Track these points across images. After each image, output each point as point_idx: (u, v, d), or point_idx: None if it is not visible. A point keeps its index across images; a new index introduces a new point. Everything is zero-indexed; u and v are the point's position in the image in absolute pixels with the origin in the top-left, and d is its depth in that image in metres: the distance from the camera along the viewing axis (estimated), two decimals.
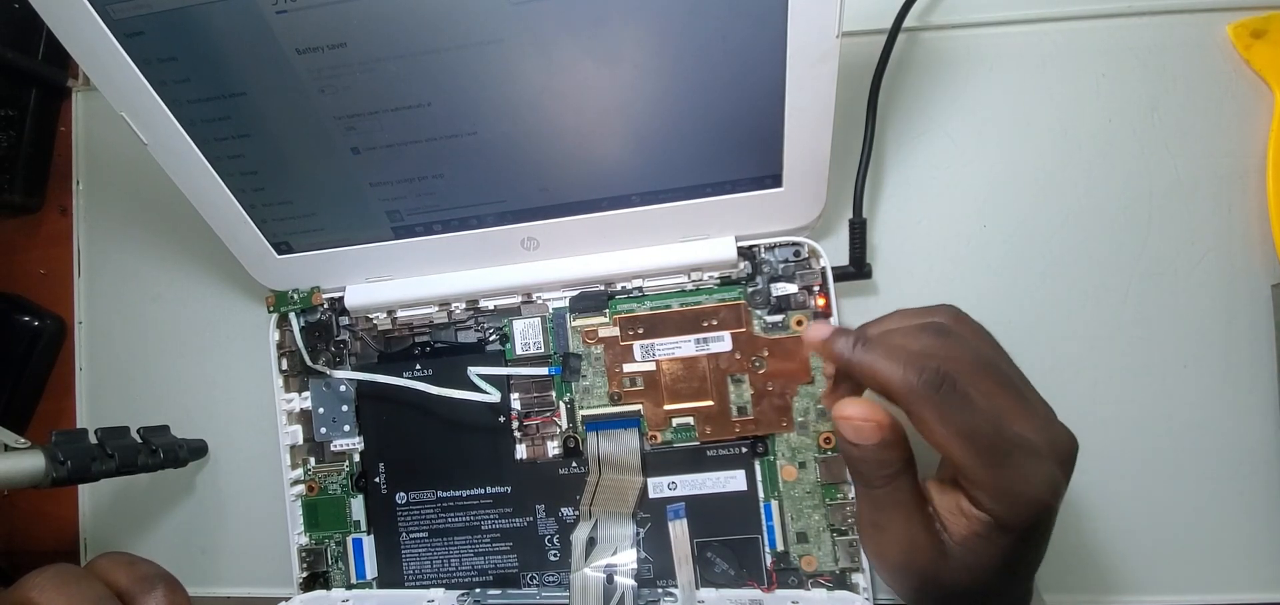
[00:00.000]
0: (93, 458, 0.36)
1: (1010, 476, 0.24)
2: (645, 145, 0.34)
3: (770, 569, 0.37)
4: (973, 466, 0.24)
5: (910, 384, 0.24)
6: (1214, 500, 0.38)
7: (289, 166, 0.35)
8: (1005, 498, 0.24)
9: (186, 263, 0.46)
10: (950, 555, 0.26)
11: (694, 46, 0.30)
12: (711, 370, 0.38)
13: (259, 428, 0.43)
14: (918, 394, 0.24)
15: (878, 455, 0.26)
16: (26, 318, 0.46)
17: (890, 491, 0.26)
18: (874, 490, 0.26)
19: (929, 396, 0.24)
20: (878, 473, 0.26)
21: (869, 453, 0.26)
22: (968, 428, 0.24)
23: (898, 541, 0.26)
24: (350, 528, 0.41)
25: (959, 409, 0.24)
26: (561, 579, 0.39)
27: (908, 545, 0.26)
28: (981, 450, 0.24)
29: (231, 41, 0.31)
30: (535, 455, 0.39)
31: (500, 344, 0.40)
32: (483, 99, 0.32)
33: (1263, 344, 0.38)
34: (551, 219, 0.37)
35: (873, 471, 0.26)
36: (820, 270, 0.37)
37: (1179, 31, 0.39)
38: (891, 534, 0.26)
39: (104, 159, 0.48)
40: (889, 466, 0.26)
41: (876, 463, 0.26)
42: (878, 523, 0.27)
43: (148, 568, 0.25)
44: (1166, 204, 0.38)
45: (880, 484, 0.26)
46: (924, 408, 0.24)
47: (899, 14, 0.38)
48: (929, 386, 0.24)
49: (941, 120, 0.40)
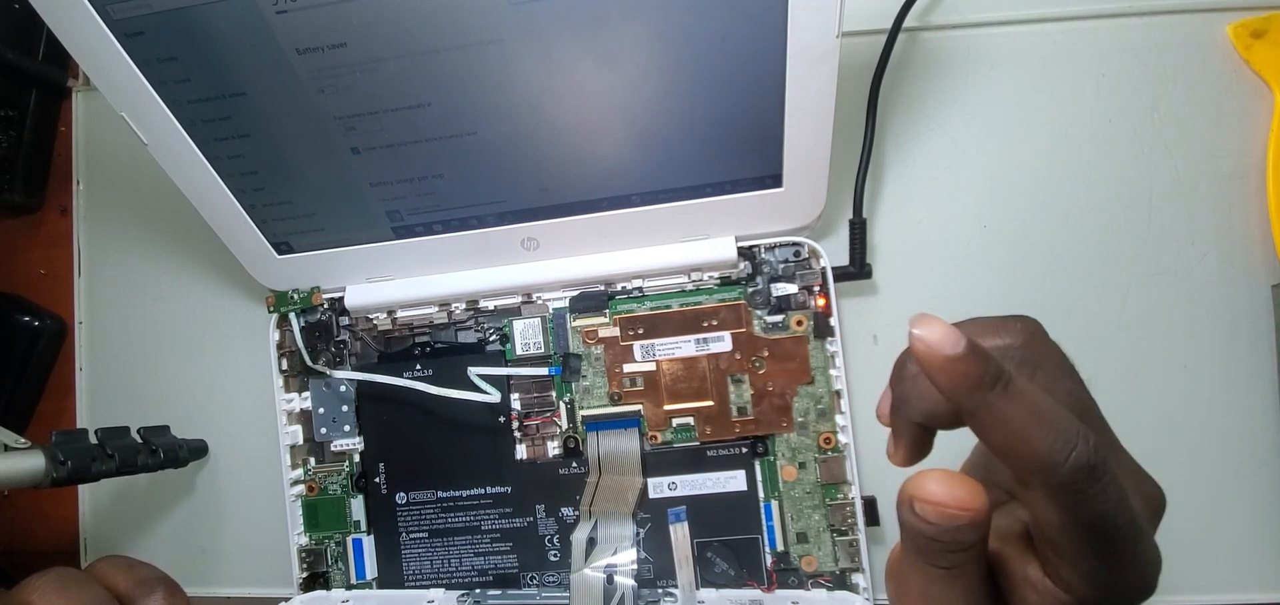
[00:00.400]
0: (93, 458, 0.36)
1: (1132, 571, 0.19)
2: (645, 145, 0.34)
3: (770, 569, 0.37)
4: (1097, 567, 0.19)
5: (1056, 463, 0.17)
6: (1214, 500, 0.38)
7: (289, 166, 0.35)
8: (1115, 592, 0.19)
9: (186, 263, 0.46)
10: None
11: (694, 46, 0.30)
12: (711, 370, 0.38)
13: (259, 428, 0.43)
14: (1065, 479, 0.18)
15: (958, 538, 0.19)
16: (26, 318, 0.46)
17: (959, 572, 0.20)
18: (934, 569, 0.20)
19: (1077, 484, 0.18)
20: (951, 558, 0.20)
21: (947, 535, 0.19)
22: (1108, 525, 0.18)
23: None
24: (350, 528, 0.41)
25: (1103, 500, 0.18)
26: (561, 579, 0.39)
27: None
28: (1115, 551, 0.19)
29: (231, 41, 0.31)
30: (535, 455, 0.39)
31: (500, 344, 0.40)
32: (483, 99, 0.32)
33: (1263, 344, 0.38)
34: (551, 219, 0.37)
35: (944, 556, 0.20)
36: (820, 270, 0.37)
37: (1179, 31, 0.39)
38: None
39: (104, 159, 0.47)
40: (967, 549, 0.20)
41: (954, 546, 0.19)
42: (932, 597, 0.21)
43: (147, 571, 0.25)
44: (1166, 204, 0.38)
45: (948, 565, 0.20)
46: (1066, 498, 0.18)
47: (899, 14, 0.38)
48: (1080, 472, 0.17)
49: (941, 120, 0.40)
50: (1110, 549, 0.19)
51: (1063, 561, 0.19)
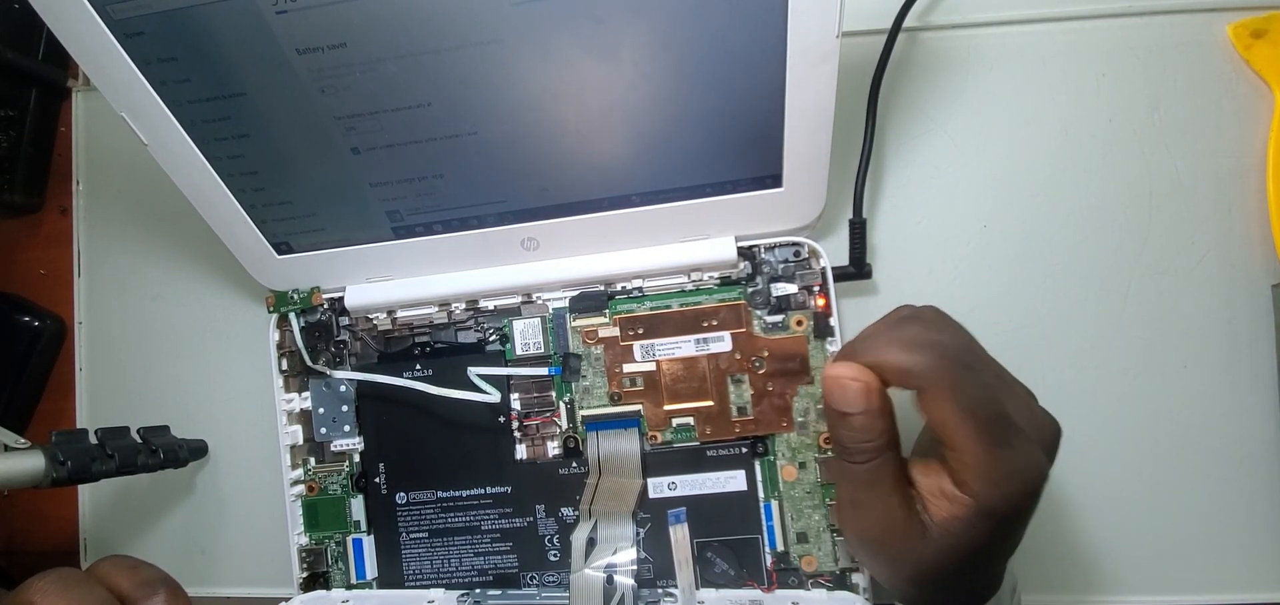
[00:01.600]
0: (93, 458, 0.36)
1: (1007, 459, 0.25)
2: (645, 145, 0.34)
3: (770, 569, 0.37)
4: (973, 447, 0.24)
5: (929, 363, 0.25)
6: (1214, 500, 0.38)
7: (289, 166, 0.35)
8: (998, 480, 0.25)
9: (186, 263, 0.46)
10: (929, 537, 0.26)
11: (694, 46, 0.30)
12: (711, 370, 0.38)
13: (259, 428, 0.43)
14: (936, 370, 0.25)
15: (865, 424, 0.26)
16: (26, 318, 0.46)
17: (873, 468, 0.26)
18: (856, 466, 0.26)
19: (947, 372, 0.25)
20: (863, 444, 0.26)
21: (857, 422, 0.26)
22: (976, 406, 0.24)
23: (877, 520, 0.26)
24: (350, 528, 0.41)
25: (972, 386, 0.25)
26: (561, 579, 0.39)
27: (886, 523, 0.26)
28: (984, 430, 0.24)
29: (231, 41, 0.31)
30: (535, 455, 0.39)
31: (500, 344, 0.40)
32: (483, 99, 0.32)
33: (1263, 344, 0.38)
34: (551, 219, 0.37)
35: (858, 443, 0.26)
36: (820, 270, 0.37)
37: (1179, 31, 0.39)
38: (871, 512, 0.27)
39: (104, 159, 0.48)
40: (875, 439, 0.26)
41: (863, 432, 0.26)
42: (858, 500, 0.27)
43: (150, 572, 0.25)
44: (1166, 204, 0.38)
45: (863, 459, 0.26)
46: (941, 382, 0.25)
47: (899, 14, 0.38)
48: (949, 364, 0.25)
49: (941, 120, 0.40)
50: (992, 436, 0.24)
51: (963, 466, 0.25)
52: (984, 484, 0.25)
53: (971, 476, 0.25)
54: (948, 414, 0.25)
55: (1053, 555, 0.39)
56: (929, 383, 0.25)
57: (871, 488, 0.26)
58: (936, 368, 0.25)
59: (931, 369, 0.25)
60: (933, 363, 0.25)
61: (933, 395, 0.25)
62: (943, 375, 0.25)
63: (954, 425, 0.25)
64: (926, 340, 0.26)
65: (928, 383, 0.25)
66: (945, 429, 0.25)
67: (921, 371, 0.25)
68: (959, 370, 0.25)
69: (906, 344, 0.26)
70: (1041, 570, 0.38)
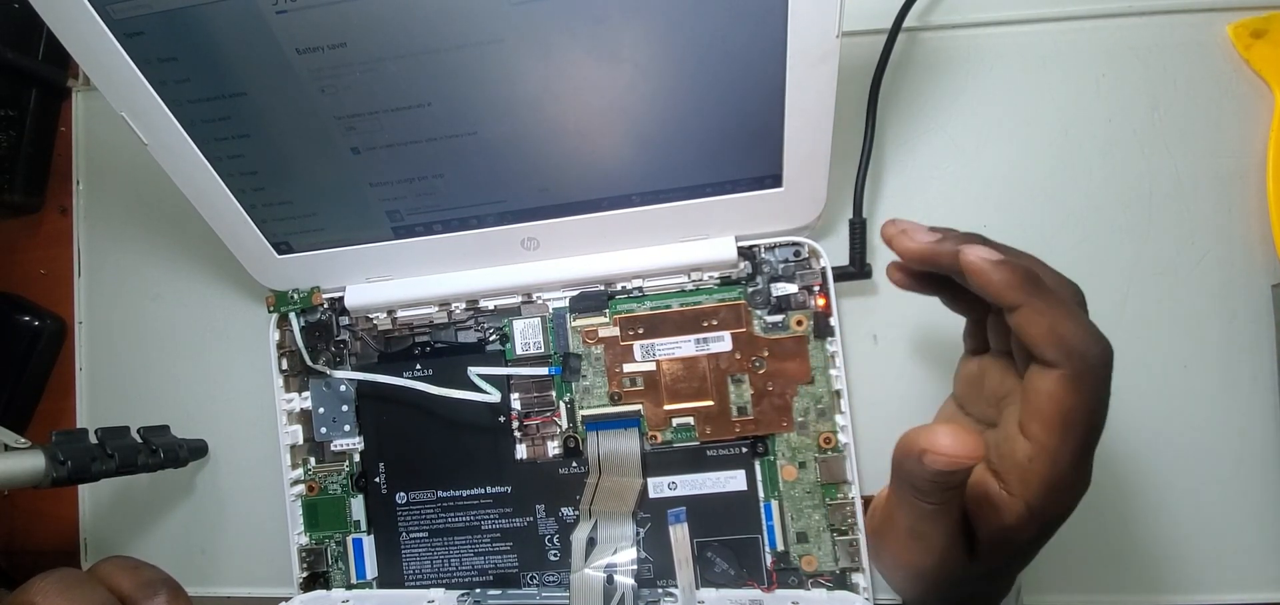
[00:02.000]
0: (93, 458, 0.36)
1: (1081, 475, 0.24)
2: (645, 145, 0.34)
3: (770, 569, 0.37)
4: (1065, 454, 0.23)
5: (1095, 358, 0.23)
6: (1214, 500, 0.38)
7: (289, 166, 0.35)
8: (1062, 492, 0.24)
9: (186, 263, 0.46)
10: (975, 558, 0.25)
11: (694, 46, 0.30)
12: (711, 370, 0.38)
13: (259, 428, 0.43)
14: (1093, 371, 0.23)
15: (955, 480, 0.24)
16: (26, 318, 0.46)
17: (945, 507, 0.25)
18: (925, 506, 0.25)
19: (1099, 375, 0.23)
20: (944, 494, 0.24)
21: (948, 478, 0.23)
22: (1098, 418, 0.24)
23: (935, 550, 0.25)
24: (350, 528, 0.41)
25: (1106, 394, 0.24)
26: (562, 579, 0.39)
27: (944, 554, 0.25)
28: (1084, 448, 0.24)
29: (231, 41, 0.31)
30: (535, 455, 0.39)
31: (500, 344, 0.40)
32: (483, 99, 0.32)
33: (1263, 344, 0.38)
34: (551, 219, 0.37)
35: (938, 493, 0.24)
36: (820, 270, 0.37)
37: (1179, 31, 0.39)
38: (931, 543, 0.25)
39: (104, 159, 0.48)
40: (958, 488, 0.24)
41: (947, 486, 0.24)
42: (920, 533, 0.25)
43: (151, 573, 0.25)
44: (1166, 204, 0.38)
45: (939, 498, 0.24)
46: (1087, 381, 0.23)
47: (899, 14, 0.38)
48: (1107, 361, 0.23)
49: (941, 120, 0.40)
50: (1089, 444, 0.23)
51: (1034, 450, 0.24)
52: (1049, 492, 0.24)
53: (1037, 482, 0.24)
54: (1076, 410, 0.23)
55: (1053, 555, 0.38)
56: (1085, 370, 0.23)
57: (937, 520, 0.25)
58: (1103, 358, 0.23)
59: (1098, 358, 0.23)
60: (1103, 353, 0.23)
61: (1078, 385, 0.23)
62: (1094, 377, 0.23)
63: (1071, 427, 0.23)
64: (1095, 326, 0.24)
65: (1084, 370, 0.23)
66: (1055, 423, 0.23)
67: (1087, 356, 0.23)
68: (1109, 373, 0.23)
69: (1086, 319, 0.24)
70: (1042, 571, 0.38)
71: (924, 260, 0.27)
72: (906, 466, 0.24)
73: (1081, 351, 0.23)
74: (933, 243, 0.26)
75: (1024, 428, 0.24)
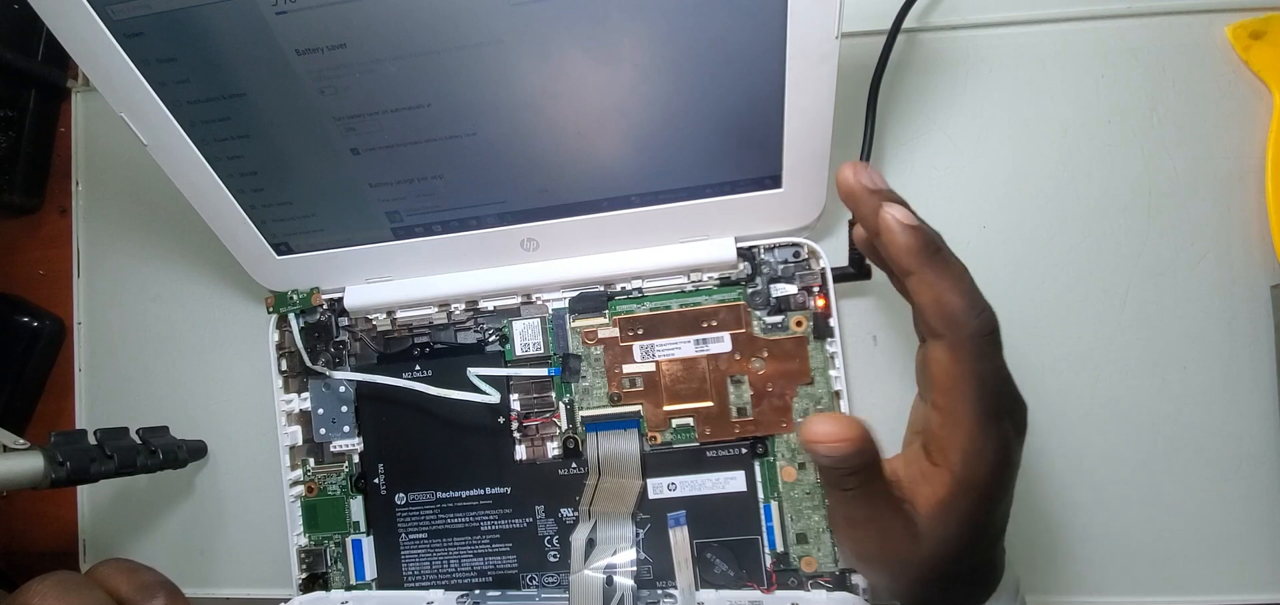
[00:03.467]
0: (92, 458, 0.36)
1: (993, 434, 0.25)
2: (645, 146, 0.34)
3: (770, 570, 0.37)
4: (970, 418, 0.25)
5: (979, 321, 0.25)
6: (1213, 500, 0.38)
7: (289, 167, 0.35)
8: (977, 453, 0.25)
9: (186, 263, 0.46)
10: (921, 534, 0.26)
11: (694, 47, 0.30)
12: (711, 371, 0.38)
13: (258, 428, 0.43)
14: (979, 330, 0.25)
15: (851, 464, 0.26)
16: (26, 318, 0.46)
17: (863, 486, 0.26)
18: (845, 492, 0.27)
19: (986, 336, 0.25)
20: (851, 478, 0.26)
21: (841, 462, 0.26)
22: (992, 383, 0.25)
23: (874, 534, 0.27)
24: (350, 529, 0.41)
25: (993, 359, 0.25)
26: (561, 580, 0.39)
27: (882, 534, 0.27)
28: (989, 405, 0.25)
29: (231, 42, 0.31)
30: (535, 456, 0.39)
31: (500, 345, 0.40)
32: (482, 99, 0.32)
33: (1263, 344, 0.38)
34: (551, 219, 0.37)
35: (845, 478, 0.26)
36: (820, 271, 0.37)
37: (1178, 32, 0.39)
38: (868, 528, 0.27)
39: (104, 159, 0.47)
40: (861, 470, 0.26)
41: (850, 470, 0.26)
42: (852, 518, 0.27)
43: (148, 575, 0.25)
44: (1166, 204, 0.38)
45: (854, 487, 0.26)
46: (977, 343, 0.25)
47: (899, 14, 0.38)
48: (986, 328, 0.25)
49: (941, 120, 0.40)
50: (987, 408, 0.25)
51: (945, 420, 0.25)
52: (964, 457, 0.25)
53: (953, 449, 0.25)
54: (962, 376, 0.24)
55: (1053, 556, 0.38)
56: (964, 338, 0.25)
57: (863, 503, 0.27)
58: (982, 328, 0.25)
59: (977, 328, 0.25)
60: (982, 323, 0.25)
61: (958, 353, 0.25)
62: (982, 338, 0.25)
63: (962, 392, 0.25)
64: (980, 297, 0.25)
65: (963, 338, 0.25)
66: (949, 389, 0.25)
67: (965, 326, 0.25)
68: (994, 340, 0.25)
69: (969, 290, 0.25)
70: (1042, 571, 0.38)
71: (849, 201, 0.27)
72: (812, 456, 0.26)
73: (961, 321, 0.24)
74: (866, 187, 0.27)
75: (932, 398, 0.26)
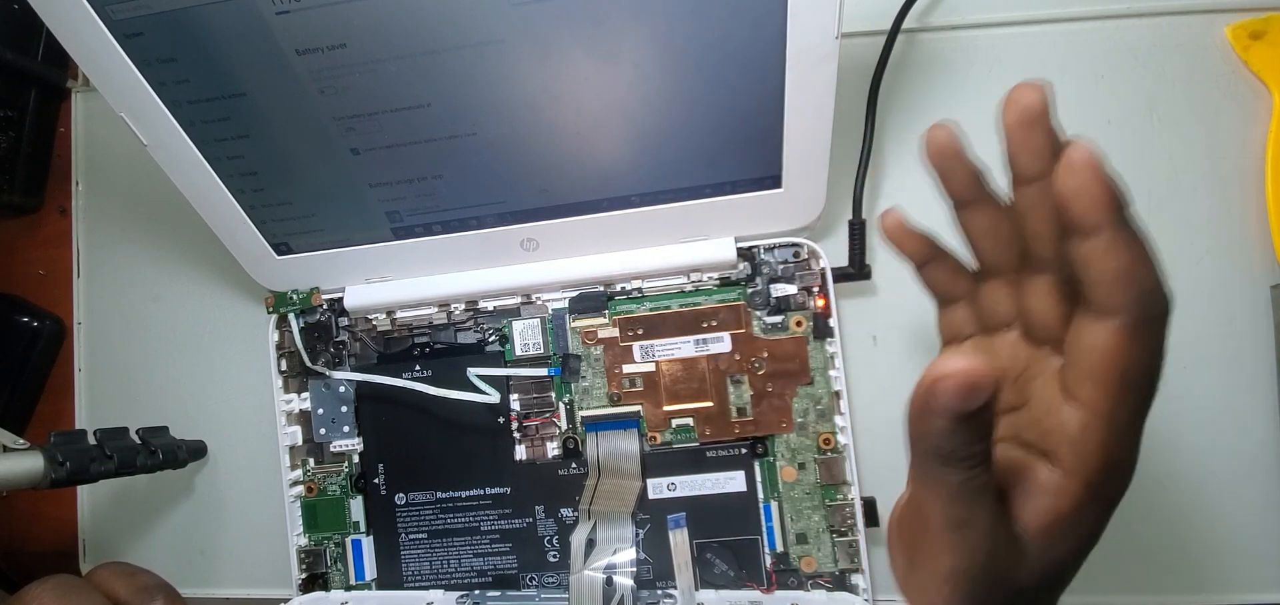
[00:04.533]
0: (92, 458, 0.36)
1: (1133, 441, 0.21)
2: (645, 146, 0.34)
3: (770, 570, 0.37)
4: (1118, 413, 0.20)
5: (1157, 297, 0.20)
6: (1213, 500, 0.38)
7: (289, 167, 0.35)
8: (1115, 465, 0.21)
9: (186, 263, 0.46)
10: (1027, 553, 0.21)
11: (694, 47, 0.30)
12: (711, 371, 0.38)
13: (258, 428, 0.43)
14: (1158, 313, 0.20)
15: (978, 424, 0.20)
16: (26, 318, 0.46)
17: (979, 475, 0.20)
18: (957, 477, 0.20)
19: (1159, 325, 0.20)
20: (972, 448, 0.20)
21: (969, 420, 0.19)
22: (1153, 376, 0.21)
23: (981, 540, 0.21)
24: (349, 529, 0.41)
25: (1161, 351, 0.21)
26: (561, 580, 0.39)
27: (992, 543, 0.21)
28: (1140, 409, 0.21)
29: (231, 42, 0.31)
30: (535, 456, 0.39)
31: (500, 345, 0.40)
32: (482, 99, 0.32)
33: (1263, 344, 0.38)
34: (551, 219, 0.37)
35: (966, 447, 0.20)
36: (820, 271, 0.37)
37: (1178, 33, 0.39)
38: (976, 532, 0.21)
39: (104, 159, 0.47)
40: (984, 440, 0.20)
41: (974, 434, 0.20)
42: (962, 521, 0.21)
43: (147, 578, 0.25)
44: (1165, 204, 0.38)
45: (970, 467, 0.20)
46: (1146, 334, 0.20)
47: (899, 15, 0.38)
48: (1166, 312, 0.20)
49: (941, 121, 0.40)
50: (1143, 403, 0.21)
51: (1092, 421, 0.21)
52: (1108, 466, 0.21)
53: (1095, 453, 0.21)
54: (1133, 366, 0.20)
55: None
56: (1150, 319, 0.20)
57: (977, 499, 0.21)
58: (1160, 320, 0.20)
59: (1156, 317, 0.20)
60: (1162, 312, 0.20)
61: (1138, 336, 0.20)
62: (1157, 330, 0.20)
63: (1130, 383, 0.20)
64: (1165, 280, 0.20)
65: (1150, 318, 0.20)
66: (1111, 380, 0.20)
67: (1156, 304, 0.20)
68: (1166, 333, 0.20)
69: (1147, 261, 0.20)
70: None
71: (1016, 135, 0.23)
72: (923, 426, 0.20)
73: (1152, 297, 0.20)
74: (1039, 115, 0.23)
75: (1072, 391, 0.21)
